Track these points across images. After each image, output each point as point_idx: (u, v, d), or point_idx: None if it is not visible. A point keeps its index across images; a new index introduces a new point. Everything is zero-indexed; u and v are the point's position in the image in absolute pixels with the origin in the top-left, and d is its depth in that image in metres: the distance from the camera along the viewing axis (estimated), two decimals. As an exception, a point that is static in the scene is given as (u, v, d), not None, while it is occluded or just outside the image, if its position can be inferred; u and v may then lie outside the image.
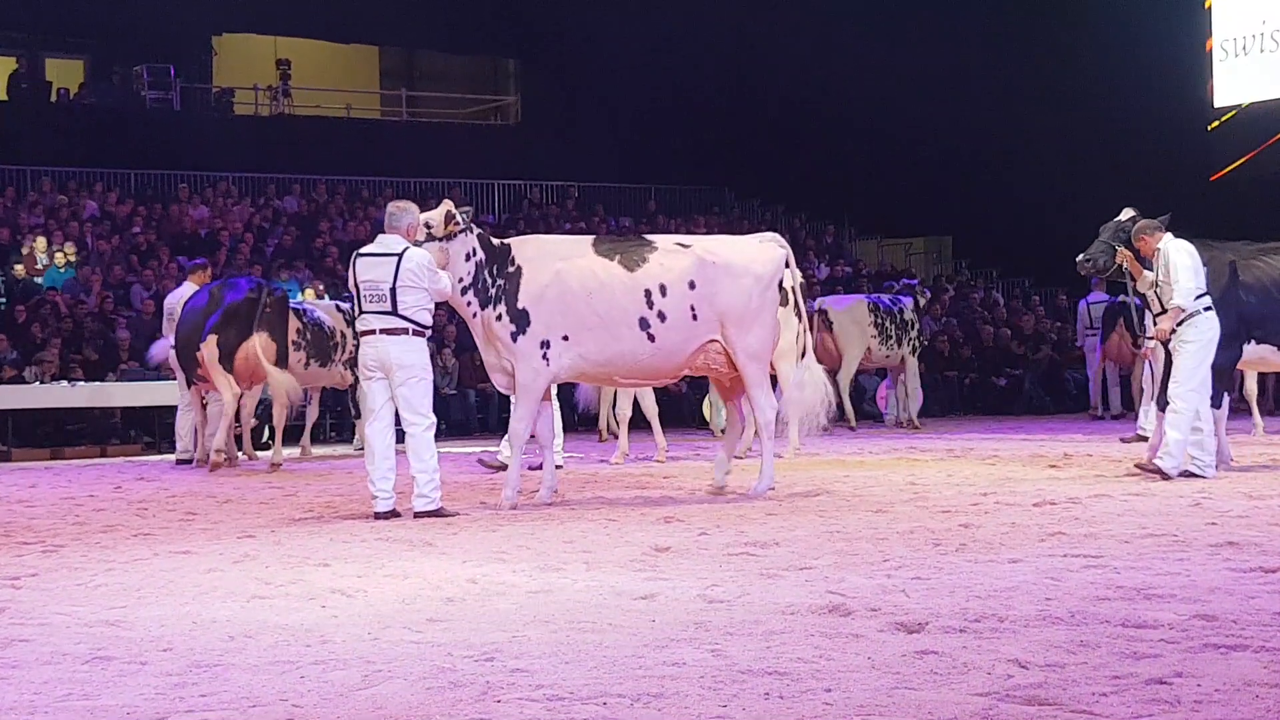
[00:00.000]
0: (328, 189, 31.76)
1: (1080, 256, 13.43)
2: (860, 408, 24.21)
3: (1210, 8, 31.02)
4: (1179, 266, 12.24)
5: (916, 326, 22.87)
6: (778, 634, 5.94)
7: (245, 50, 36.73)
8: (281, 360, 16.72)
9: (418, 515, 10.68)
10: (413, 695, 5.04)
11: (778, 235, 12.81)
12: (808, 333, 13.23)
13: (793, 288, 17.07)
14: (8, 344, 21.64)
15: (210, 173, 30.58)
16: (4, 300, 23.77)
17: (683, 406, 25.10)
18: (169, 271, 25.13)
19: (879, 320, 22.33)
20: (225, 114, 34.69)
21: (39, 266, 24.78)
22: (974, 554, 8.15)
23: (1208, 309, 12.32)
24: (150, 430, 21.61)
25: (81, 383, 21.00)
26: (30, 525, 11.13)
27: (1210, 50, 31.02)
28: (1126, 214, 13.23)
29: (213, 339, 16.58)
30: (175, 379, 18.31)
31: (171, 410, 20.69)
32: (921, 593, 6.84)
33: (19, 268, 24.33)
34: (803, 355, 12.95)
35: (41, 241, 25.38)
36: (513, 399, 12.10)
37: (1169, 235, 12.53)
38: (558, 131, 35.71)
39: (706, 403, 23.73)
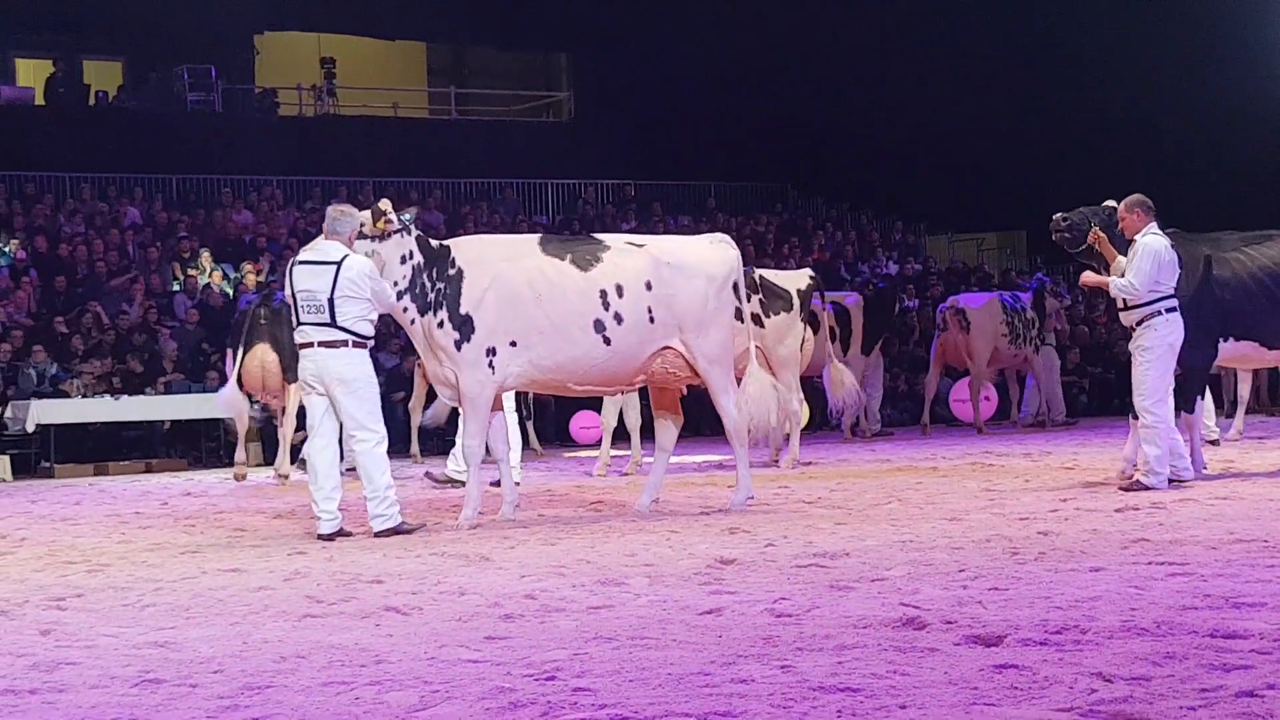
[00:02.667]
0: (374, 191, 31.82)
1: (1059, 214, 12.99)
2: (934, 411, 24.14)
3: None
4: (1140, 270, 11.90)
5: (1037, 325, 22.91)
6: (850, 649, 5.92)
7: (288, 49, 36.92)
8: (290, 371, 16.72)
9: (377, 535, 10.54)
10: (472, 716, 5.04)
11: (727, 236, 12.45)
12: (752, 340, 12.69)
13: (799, 291, 16.98)
14: (45, 356, 21.87)
15: (254, 176, 30.80)
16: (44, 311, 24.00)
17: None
18: (212, 280, 25.35)
19: (1009, 319, 22.47)
20: (268, 115, 34.86)
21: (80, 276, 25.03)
22: (1054, 563, 8.10)
23: (1170, 310, 12.02)
24: (195, 444, 21.79)
25: (126, 396, 21.20)
26: (75, 544, 11.23)
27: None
28: (1108, 205, 12.87)
29: (229, 354, 16.99)
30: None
31: (217, 424, 21.05)
32: (999, 604, 6.81)
33: (61, 279, 24.57)
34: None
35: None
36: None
37: (1153, 226, 12.20)
38: (613, 128, 35.71)
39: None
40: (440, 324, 11.14)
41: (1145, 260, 11.96)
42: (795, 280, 17.24)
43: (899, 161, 34.38)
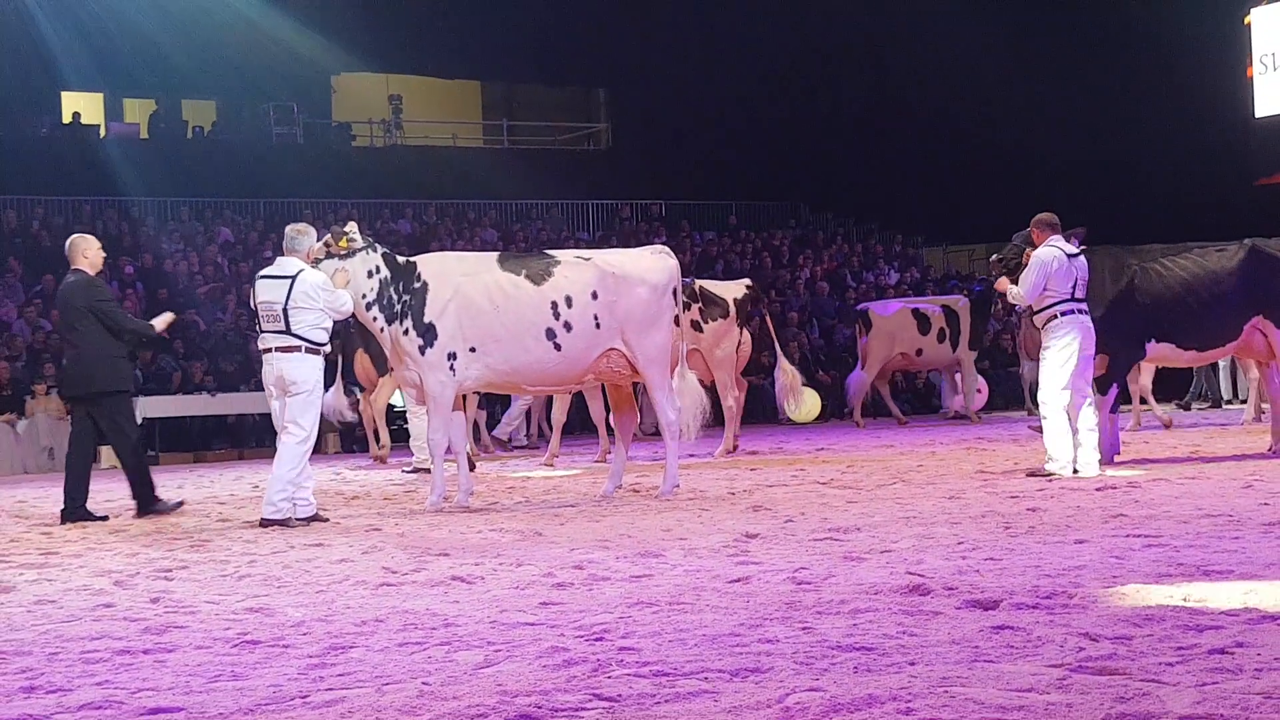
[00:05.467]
0: (437, 212, 31.96)
1: (994, 256, 13.20)
2: (931, 403, 24.11)
3: (1249, 24, 30.67)
4: (1025, 279, 11.83)
5: None
6: (863, 612, 5.90)
7: (361, 88, 37.04)
8: (379, 365, 17.15)
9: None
10: (531, 673, 5.04)
11: (666, 248, 12.25)
12: (682, 342, 12.41)
13: (735, 300, 16.83)
14: (152, 358, 22.04)
15: (331, 199, 30.86)
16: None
17: (763, 400, 25.04)
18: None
19: None
20: (344, 146, 35.01)
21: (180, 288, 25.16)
22: (1042, 535, 8.07)
23: (1065, 314, 11.80)
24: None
25: (221, 393, 21.37)
26: (179, 523, 11.26)
27: (1250, 70, 30.74)
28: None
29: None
30: None
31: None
32: (995, 572, 6.77)
33: (164, 291, 24.70)
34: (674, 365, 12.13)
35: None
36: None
37: (1053, 238, 11.95)
38: (645, 154, 35.78)
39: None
40: (405, 331, 11.06)
41: (1031, 270, 11.87)
42: (733, 290, 17.04)
43: (899, 181, 34.40)
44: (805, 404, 23.44)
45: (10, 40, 31.14)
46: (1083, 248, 12.27)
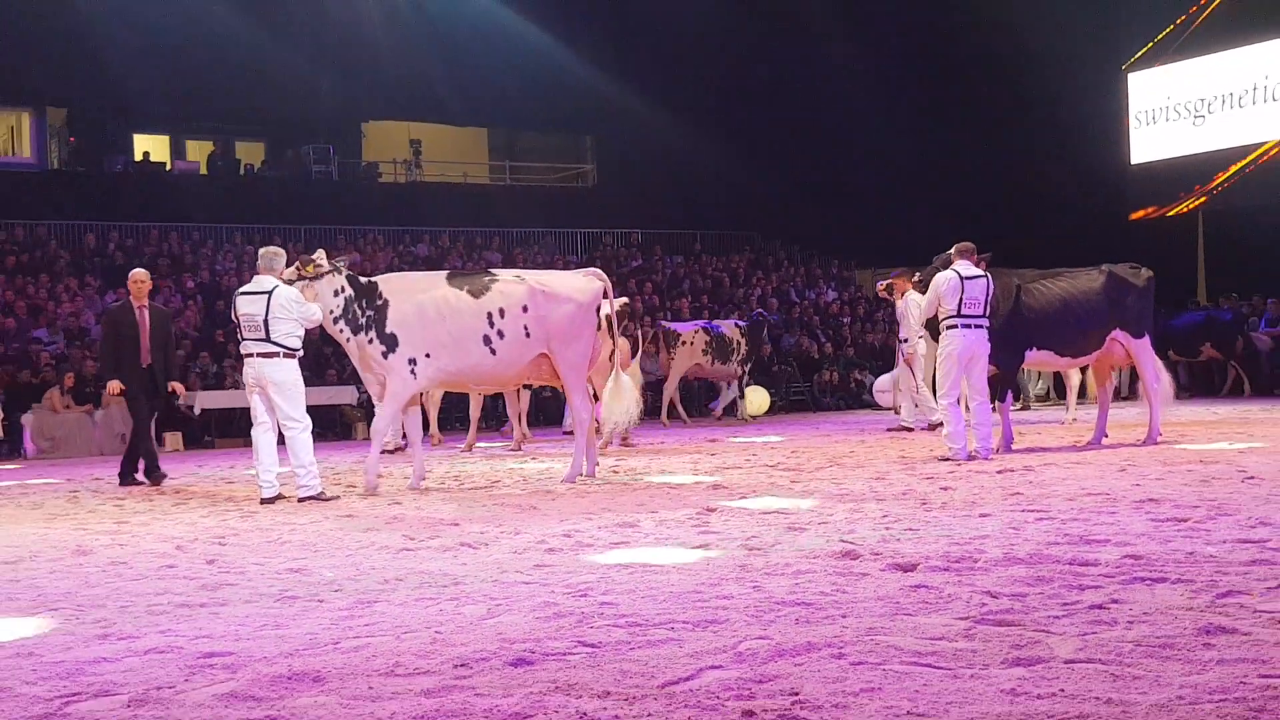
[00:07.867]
0: (450, 239, 31.88)
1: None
2: (860, 398, 24.11)
3: (1125, 71, 30.92)
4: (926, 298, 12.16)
5: None
6: (804, 574, 5.92)
7: (386, 133, 36.92)
8: None
9: (301, 500, 10.33)
10: (526, 623, 5.05)
11: (599, 270, 12.03)
12: (617, 351, 12.24)
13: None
14: (210, 359, 21.94)
15: (361, 227, 30.83)
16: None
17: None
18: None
19: None
20: (372, 182, 34.90)
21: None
22: (953, 510, 8.09)
23: (950, 328, 11.85)
24: (319, 424, 21.75)
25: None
26: (231, 496, 11.25)
27: (1127, 122, 31.00)
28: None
29: None
30: None
31: (334, 409, 21.00)
32: (913, 541, 6.80)
33: (220, 302, 24.59)
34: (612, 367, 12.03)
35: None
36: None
37: (957, 264, 11.99)
38: (625, 190, 35.84)
39: (744, 397, 23.61)
40: (370, 341, 10.92)
41: (929, 289, 12.08)
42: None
43: (837, 213, 34.45)
44: (756, 401, 23.45)
45: (91, 91, 31.09)
46: (985, 270, 12.29)
